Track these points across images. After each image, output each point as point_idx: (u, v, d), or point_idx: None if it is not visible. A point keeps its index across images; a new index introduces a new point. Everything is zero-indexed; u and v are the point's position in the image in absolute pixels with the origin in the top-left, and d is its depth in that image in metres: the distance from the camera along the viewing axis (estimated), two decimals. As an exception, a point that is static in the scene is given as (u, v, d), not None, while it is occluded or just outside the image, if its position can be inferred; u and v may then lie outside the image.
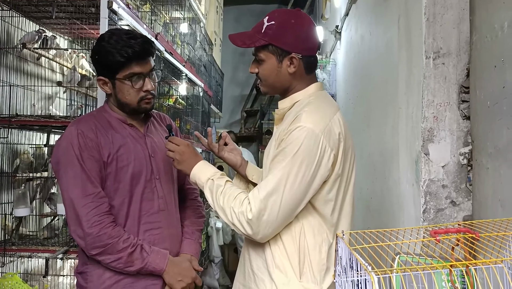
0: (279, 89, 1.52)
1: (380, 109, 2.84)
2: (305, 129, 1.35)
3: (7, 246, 2.41)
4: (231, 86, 8.69)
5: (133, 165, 1.63)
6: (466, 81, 1.89)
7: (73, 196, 1.53)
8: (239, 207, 1.36)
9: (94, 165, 1.57)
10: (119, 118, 1.67)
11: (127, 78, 1.59)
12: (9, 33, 2.55)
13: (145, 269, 1.58)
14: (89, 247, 1.53)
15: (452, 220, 1.95)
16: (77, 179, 1.54)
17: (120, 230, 1.57)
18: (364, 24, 3.50)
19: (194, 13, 4.55)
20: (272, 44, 1.45)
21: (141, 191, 1.65)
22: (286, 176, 1.34)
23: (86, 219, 1.51)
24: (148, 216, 1.65)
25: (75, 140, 1.56)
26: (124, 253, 1.54)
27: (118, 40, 1.58)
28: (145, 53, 1.61)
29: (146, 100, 1.64)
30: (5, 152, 2.54)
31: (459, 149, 1.94)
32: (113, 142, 1.62)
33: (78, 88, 2.70)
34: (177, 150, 1.56)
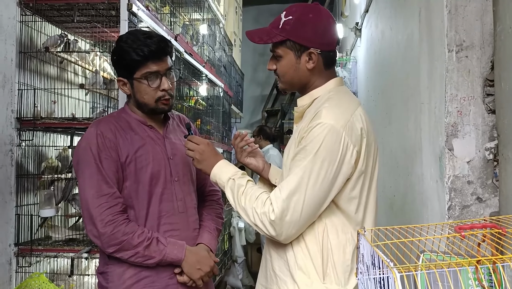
0: (297, 85, 1.48)
1: (402, 105, 2.79)
2: (326, 126, 1.31)
3: (33, 246, 2.46)
4: (251, 86, 8.70)
5: (151, 166, 1.64)
6: (490, 74, 1.84)
7: (88, 196, 1.55)
8: (262, 208, 1.33)
9: (111, 165, 1.58)
10: (138, 119, 1.69)
11: (144, 77, 1.60)
12: (32, 37, 2.60)
13: (164, 260, 1.58)
14: (105, 246, 1.55)
15: (478, 216, 1.90)
16: (92, 179, 1.56)
17: (134, 225, 1.58)
18: (384, 19, 3.46)
19: (213, 14, 4.57)
20: (290, 40, 1.41)
21: (160, 192, 1.65)
22: (308, 175, 1.30)
23: (100, 219, 1.53)
24: (167, 217, 1.66)
25: (94, 141, 1.58)
26: (140, 247, 1.55)
27: (135, 39, 1.60)
28: (161, 52, 1.62)
29: (163, 100, 1.64)
30: (30, 154, 2.59)
31: (484, 144, 1.89)
32: (132, 144, 1.63)
33: (101, 90, 2.74)
34: (197, 148, 1.54)
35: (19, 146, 2.49)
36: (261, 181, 1.74)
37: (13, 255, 2.44)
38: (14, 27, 2.46)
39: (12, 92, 2.45)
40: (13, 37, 2.45)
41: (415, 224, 2.39)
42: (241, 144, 1.68)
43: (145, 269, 1.60)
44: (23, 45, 2.53)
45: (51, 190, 2.47)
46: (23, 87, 2.50)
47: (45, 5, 2.48)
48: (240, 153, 1.69)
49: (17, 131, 2.47)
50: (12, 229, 2.45)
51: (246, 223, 5.17)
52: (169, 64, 1.65)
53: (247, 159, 1.70)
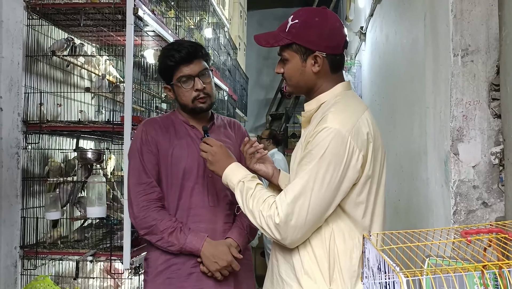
0: (303, 89, 1.48)
1: (407, 109, 2.79)
2: (331, 130, 1.31)
3: (38, 249, 2.47)
4: (255, 90, 8.72)
5: (185, 162, 1.79)
6: (496, 79, 1.84)
7: (130, 183, 1.80)
8: (267, 211, 1.34)
9: (151, 158, 1.80)
10: (183, 120, 1.86)
11: (178, 80, 1.78)
12: (39, 41, 2.62)
13: (184, 249, 1.73)
14: (138, 228, 1.78)
15: (484, 221, 1.90)
16: (135, 169, 1.80)
17: (164, 213, 1.76)
18: (389, 23, 3.46)
19: (218, 18, 4.59)
20: (296, 43, 1.42)
21: (191, 186, 1.80)
22: (314, 179, 1.30)
23: (136, 204, 1.76)
24: (197, 209, 1.79)
25: (139, 136, 1.82)
26: (165, 233, 1.72)
27: (170, 48, 1.82)
28: (191, 56, 1.78)
29: (199, 99, 1.78)
30: (36, 157, 2.61)
31: (490, 148, 1.88)
32: (171, 141, 1.82)
33: (106, 94, 2.75)
34: (209, 150, 1.57)
35: (25, 148, 2.50)
36: (270, 187, 1.73)
37: (19, 258, 2.45)
38: (21, 31, 2.48)
39: (19, 95, 2.46)
40: (20, 41, 2.47)
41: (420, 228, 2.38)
42: (250, 150, 1.69)
43: (174, 257, 1.76)
44: (29, 48, 2.54)
45: (56, 193, 2.48)
46: (29, 91, 2.51)
47: (51, 9, 2.50)
48: (250, 159, 1.69)
49: (23, 134, 2.48)
50: (18, 232, 2.46)
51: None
52: (203, 66, 1.80)
53: (257, 165, 1.70)
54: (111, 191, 2.66)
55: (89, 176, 2.48)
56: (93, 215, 2.39)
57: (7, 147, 2.38)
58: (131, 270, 2.55)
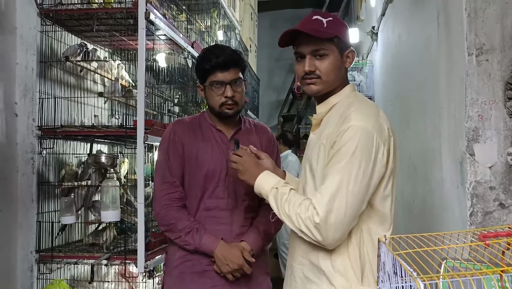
0: (333, 86, 1.49)
1: (420, 109, 2.76)
2: (358, 127, 1.35)
3: (54, 252, 2.49)
4: (267, 92, 8.71)
5: (208, 165, 1.85)
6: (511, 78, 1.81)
7: (155, 180, 1.90)
8: (305, 213, 1.35)
9: (177, 158, 1.87)
10: (210, 123, 1.92)
11: (211, 84, 1.83)
12: (52, 47, 2.64)
13: (199, 248, 1.79)
14: (160, 224, 1.88)
15: (501, 223, 1.87)
16: (161, 167, 1.88)
17: (184, 213, 1.84)
18: (401, 23, 3.43)
19: (229, 20, 4.60)
20: (338, 37, 1.46)
21: (213, 188, 1.85)
22: (348, 176, 1.33)
23: (159, 201, 1.84)
24: (216, 211, 1.85)
25: (167, 136, 1.90)
26: (182, 232, 1.80)
27: (210, 51, 1.87)
28: (228, 64, 1.82)
29: (227, 105, 1.83)
30: (51, 162, 2.63)
31: (506, 149, 1.85)
32: (196, 143, 1.88)
33: (119, 98, 2.77)
34: (240, 160, 1.59)
35: (40, 154, 2.53)
36: None
37: (34, 262, 2.48)
38: (35, 37, 2.50)
39: (33, 101, 2.49)
40: (33, 47, 2.50)
41: (435, 229, 2.36)
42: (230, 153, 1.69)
43: (190, 254, 1.83)
44: (43, 54, 2.57)
45: (71, 197, 2.50)
46: (43, 96, 2.54)
47: (64, 15, 2.52)
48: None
49: (38, 139, 2.51)
50: (34, 236, 2.48)
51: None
52: (237, 75, 1.85)
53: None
54: (124, 195, 2.67)
55: (103, 180, 2.50)
56: (108, 219, 2.41)
57: (22, 152, 2.40)
58: (145, 273, 2.56)
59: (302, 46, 1.47)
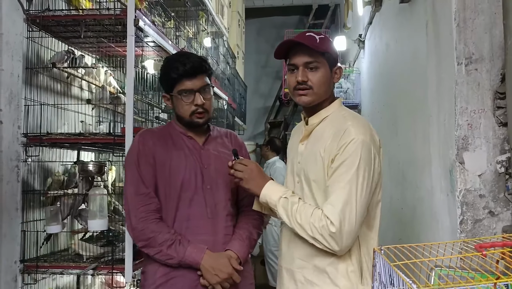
0: (323, 98, 1.59)
1: (409, 117, 2.78)
2: (359, 141, 1.45)
3: (39, 262, 2.43)
4: (254, 98, 8.71)
5: (183, 173, 1.78)
6: (500, 87, 1.83)
7: (127, 194, 1.77)
8: (319, 222, 1.43)
9: (148, 169, 1.77)
10: (180, 130, 1.85)
11: (179, 93, 1.77)
12: (39, 53, 2.60)
13: (183, 261, 1.69)
14: (136, 240, 1.74)
15: (491, 230, 1.88)
16: (132, 179, 1.77)
17: (162, 225, 1.73)
18: (389, 31, 3.46)
19: (217, 27, 4.59)
20: (329, 53, 1.56)
21: (190, 197, 1.78)
22: (355, 187, 1.43)
23: (134, 215, 1.73)
24: (195, 221, 1.77)
25: (136, 147, 1.81)
26: (164, 246, 1.69)
27: (176, 60, 1.79)
28: (195, 71, 1.77)
29: (197, 114, 1.78)
30: (37, 170, 2.58)
31: (496, 157, 1.87)
32: (168, 151, 1.81)
33: (107, 105, 2.73)
34: (245, 169, 1.61)
35: (25, 161, 2.47)
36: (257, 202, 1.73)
37: (19, 272, 2.41)
38: (21, 43, 2.46)
39: (19, 108, 2.44)
40: (19, 53, 2.45)
41: (424, 237, 2.37)
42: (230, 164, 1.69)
43: (173, 270, 1.72)
44: (29, 61, 2.52)
45: (57, 206, 2.45)
46: (29, 103, 2.49)
47: (51, 21, 2.48)
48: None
49: (24, 147, 2.45)
50: (18, 246, 2.42)
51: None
52: (205, 82, 1.80)
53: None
54: (112, 203, 2.63)
55: (90, 188, 2.45)
56: (95, 228, 2.36)
57: (7, 160, 2.35)
58: (133, 283, 2.52)
59: (296, 57, 1.56)
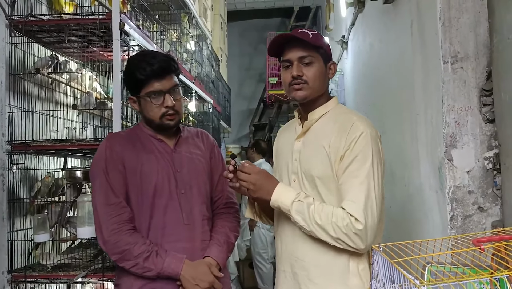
0: (318, 93, 1.57)
1: (396, 116, 2.81)
2: (368, 134, 1.46)
3: (27, 272, 2.39)
4: (238, 101, 8.71)
5: (156, 178, 1.68)
6: (486, 84, 1.87)
7: (97, 205, 1.65)
8: (342, 221, 1.39)
9: (118, 176, 1.66)
10: (149, 133, 1.75)
11: (148, 95, 1.67)
12: (22, 59, 2.55)
13: (162, 273, 1.61)
14: (110, 253, 1.63)
15: (480, 226, 1.91)
16: (101, 189, 1.66)
17: (137, 236, 1.63)
18: (373, 32, 3.50)
19: (200, 30, 4.58)
20: (323, 48, 1.55)
21: (164, 203, 1.69)
22: (372, 180, 1.42)
23: (106, 227, 1.62)
24: (172, 228, 1.68)
25: (103, 154, 1.69)
26: (140, 258, 1.60)
27: (141, 60, 1.68)
28: (164, 71, 1.67)
29: (168, 116, 1.69)
30: (21, 178, 2.53)
31: (483, 153, 1.91)
32: (138, 156, 1.70)
33: (93, 111, 2.70)
34: (249, 179, 1.51)
35: (11, 170, 2.42)
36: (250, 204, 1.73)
37: (6, 283, 2.36)
38: (4, 49, 2.41)
39: (2, 115, 2.39)
40: (2, 59, 2.40)
41: (415, 234, 2.39)
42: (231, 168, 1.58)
43: (151, 282, 1.63)
44: (12, 67, 2.48)
45: (44, 214, 2.40)
46: (13, 110, 2.44)
47: (34, 26, 2.44)
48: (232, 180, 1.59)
49: (8, 155, 2.40)
50: (5, 256, 2.37)
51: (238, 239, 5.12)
52: (174, 82, 1.71)
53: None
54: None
55: (78, 195, 2.42)
56: (84, 235, 2.32)
57: (-9, 169, 2.30)
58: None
59: (290, 53, 1.55)
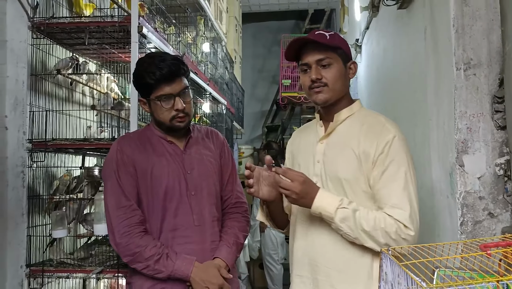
0: (339, 95, 1.55)
1: (408, 121, 2.83)
2: (401, 137, 1.50)
3: (45, 267, 2.46)
4: (251, 102, 8.76)
5: (166, 181, 1.70)
6: (499, 92, 1.88)
7: (109, 207, 1.68)
8: (391, 227, 1.41)
9: (129, 179, 1.69)
10: (159, 135, 1.77)
11: (158, 99, 1.69)
12: (43, 60, 2.63)
13: (172, 275, 1.64)
14: (122, 255, 1.67)
15: (490, 232, 1.92)
16: (113, 191, 1.69)
17: (148, 239, 1.66)
18: (387, 36, 3.51)
19: (215, 33, 4.63)
20: (341, 48, 1.54)
21: (175, 206, 1.71)
22: (412, 185, 1.46)
23: (117, 230, 1.65)
24: (183, 230, 1.71)
25: (114, 156, 1.71)
26: (151, 261, 1.63)
27: (150, 63, 1.69)
28: (173, 74, 1.69)
29: (178, 118, 1.71)
30: (41, 175, 2.60)
31: (494, 160, 1.92)
32: (149, 159, 1.72)
33: (111, 111, 2.76)
34: (292, 188, 1.43)
35: (31, 167, 2.50)
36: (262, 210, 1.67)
37: (25, 277, 2.44)
38: (26, 50, 2.49)
39: (24, 114, 2.47)
40: (24, 60, 2.48)
41: (426, 238, 2.41)
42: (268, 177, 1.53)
43: (161, 282, 1.67)
44: (34, 67, 2.55)
45: (63, 211, 2.48)
46: (34, 109, 2.52)
47: (56, 28, 2.52)
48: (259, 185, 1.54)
49: (29, 152, 2.48)
50: (24, 251, 2.44)
51: (249, 240, 5.15)
52: (184, 84, 1.72)
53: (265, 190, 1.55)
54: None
55: (95, 193, 2.48)
56: (101, 232, 2.39)
57: (12, 166, 2.38)
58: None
59: (308, 56, 1.53)
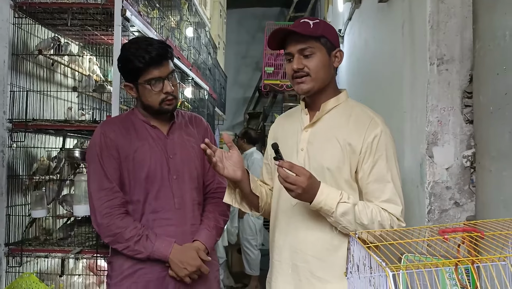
0: (323, 84, 1.56)
1: (385, 113, 2.89)
2: (388, 132, 1.57)
3: (24, 246, 2.48)
4: (233, 88, 8.78)
5: (148, 165, 1.75)
6: (469, 87, 1.97)
7: (91, 189, 1.75)
8: (387, 221, 1.50)
9: (112, 162, 1.74)
10: (143, 120, 1.80)
11: (147, 82, 1.72)
12: (25, 40, 2.62)
13: (152, 256, 1.71)
14: (102, 236, 1.74)
15: (455, 220, 2.02)
16: (95, 174, 1.74)
17: (128, 220, 1.72)
18: (368, 29, 3.58)
19: (200, 18, 4.63)
20: (325, 37, 1.53)
21: (157, 189, 1.76)
22: (398, 179, 1.57)
23: (99, 211, 1.71)
24: (163, 213, 1.76)
25: (98, 140, 1.76)
26: (131, 241, 1.70)
27: (137, 47, 1.72)
28: (162, 58, 1.73)
29: (167, 101, 1.76)
30: (21, 155, 2.61)
31: (462, 152, 2.01)
32: (132, 143, 1.77)
33: (93, 93, 2.77)
34: (298, 183, 1.40)
35: (10, 147, 2.50)
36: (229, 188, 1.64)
37: (3, 255, 2.46)
38: (7, 30, 2.48)
39: (4, 94, 2.46)
40: (5, 40, 2.47)
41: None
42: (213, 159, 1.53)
43: (141, 262, 1.73)
44: (15, 47, 2.54)
45: (42, 191, 2.50)
46: (15, 89, 2.52)
47: (38, 8, 2.50)
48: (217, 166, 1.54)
49: (9, 132, 2.48)
50: (3, 229, 2.46)
51: (228, 225, 5.22)
52: (171, 68, 1.76)
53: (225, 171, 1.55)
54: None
55: (75, 174, 2.51)
56: (80, 213, 2.42)
57: (-8, 145, 2.38)
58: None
59: (290, 46, 1.54)
